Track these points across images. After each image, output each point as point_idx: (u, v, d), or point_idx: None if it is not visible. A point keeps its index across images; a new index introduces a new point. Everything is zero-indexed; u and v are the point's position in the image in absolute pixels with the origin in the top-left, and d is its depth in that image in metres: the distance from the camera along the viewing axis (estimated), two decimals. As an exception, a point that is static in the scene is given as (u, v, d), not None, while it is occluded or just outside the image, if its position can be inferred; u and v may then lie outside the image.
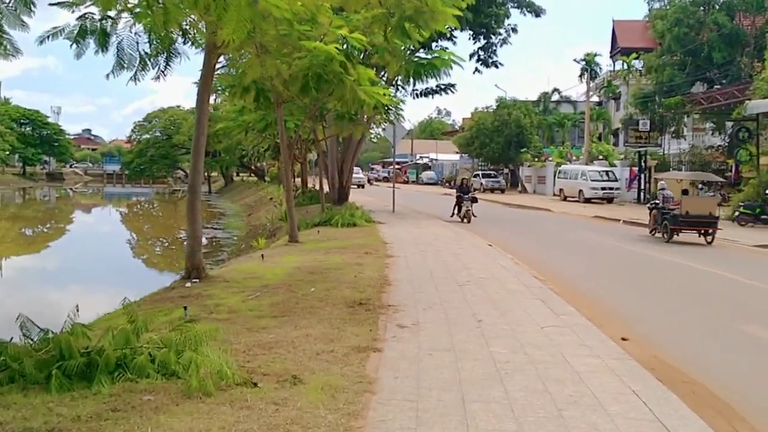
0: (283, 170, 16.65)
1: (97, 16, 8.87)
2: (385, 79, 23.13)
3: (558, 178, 43.88)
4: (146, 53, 9.54)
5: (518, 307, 8.64)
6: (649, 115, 40.15)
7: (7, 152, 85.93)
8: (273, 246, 16.43)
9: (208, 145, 52.35)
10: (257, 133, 20.35)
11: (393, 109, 21.38)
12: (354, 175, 35.38)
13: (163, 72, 9.87)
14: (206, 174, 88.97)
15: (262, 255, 12.65)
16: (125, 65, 9.38)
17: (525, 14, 27.73)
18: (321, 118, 21.21)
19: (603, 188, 39.35)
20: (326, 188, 27.71)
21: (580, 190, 39.84)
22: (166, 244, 34.14)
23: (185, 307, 7.81)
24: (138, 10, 7.88)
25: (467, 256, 13.52)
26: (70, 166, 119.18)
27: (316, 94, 15.09)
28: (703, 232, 17.86)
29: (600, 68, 63.83)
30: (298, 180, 37.54)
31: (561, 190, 42.67)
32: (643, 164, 38.41)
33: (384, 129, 25.95)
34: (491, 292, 9.53)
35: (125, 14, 8.58)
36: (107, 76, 9.38)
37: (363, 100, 15.42)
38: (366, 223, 20.32)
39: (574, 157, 51.10)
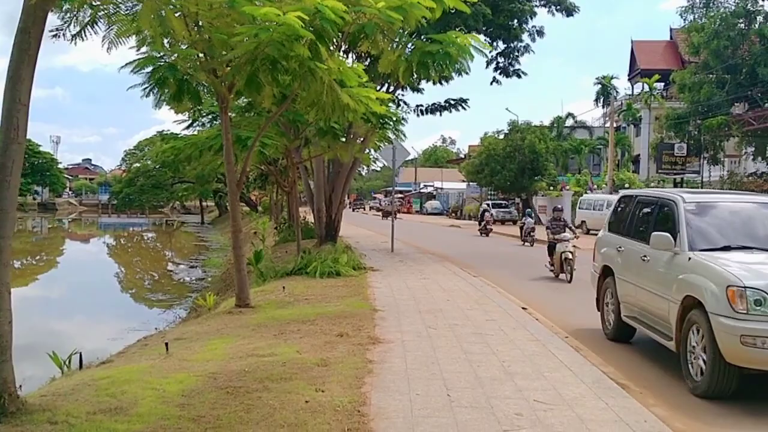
0: (230, 204, 11.73)
1: None
2: (384, 89, 18.48)
3: (579, 209, 39.10)
4: None
5: None
6: (686, 139, 35.51)
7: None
8: (215, 312, 11.57)
9: (179, 171, 48.25)
10: (214, 155, 15.54)
11: (391, 123, 16.63)
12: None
13: None
14: (200, 203, 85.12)
15: (167, 344, 7.72)
16: None
17: (554, 14, 23.06)
18: (295, 132, 16.42)
19: (633, 221, 34.40)
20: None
21: (606, 223, 34.92)
22: (157, 277, 31.95)
23: None
24: None
25: (501, 337, 8.64)
26: (66, 196, 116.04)
27: (272, 92, 10.39)
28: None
29: (617, 91, 59.64)
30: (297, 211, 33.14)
31: (583, 222, 37.94)
32: (679, 193, 33.52)
33: (381, 149, 21.02)
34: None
35: None
36: None
37: (347, 105, 10.75)
38: (353, 271, 15.32)
39: (594, 186, 46.28)
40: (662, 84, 52.48)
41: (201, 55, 9.83)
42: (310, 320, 9.38)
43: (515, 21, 22.22)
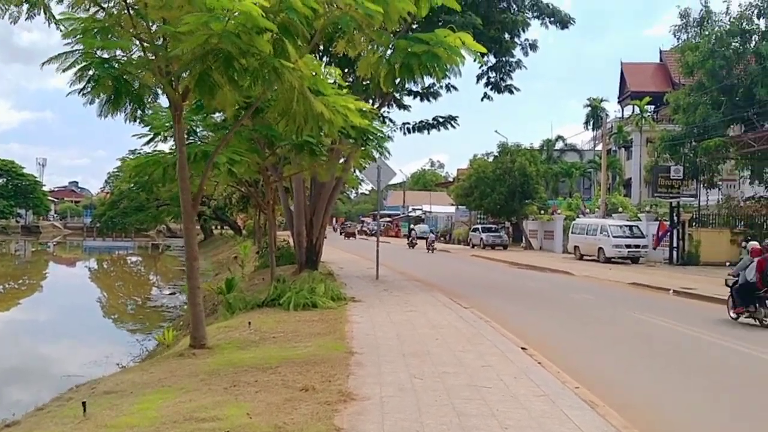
0: (184, 228, 10.16)
1: None
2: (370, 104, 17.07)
3: (572, 233, 37.84)
4: None
5: None
6: (681, 161, 34.33)
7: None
8: (167, 353, 10.02)
9: (153, 192, 46.78)
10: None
11: (374, 139, 15.19)
12: None
13: None
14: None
15: (84, 404, 6.18)
16: None
17: (547, 26, 21.81)
18: (268, 147, 14.96)
19: (627, 246, 33.34)
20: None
21: (600, 248, 33.83)
22: (138, 302, 30.66)
23: None
24: None
25: (501, 390, 7.16)
26: (51, 219, 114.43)
27: (234, 98, 8.93)
28: None
29: (607, 114, 58.85)
30: (273, 235, 31.43)
31: (576, 247, 36.73)
32: (675, 218, 32.40)
33: (365, 168, 19.44)
34: None
35: None
36: None
37: (321, 114, 9.30)
38: (332, 302, 13.77)
39: (587, 210, 45.04)
40: (653, 106, 51.83)
41: (144, 52, 8.39)
42: (272, 367, 7.85)
43: (506, 34, 20.97)
